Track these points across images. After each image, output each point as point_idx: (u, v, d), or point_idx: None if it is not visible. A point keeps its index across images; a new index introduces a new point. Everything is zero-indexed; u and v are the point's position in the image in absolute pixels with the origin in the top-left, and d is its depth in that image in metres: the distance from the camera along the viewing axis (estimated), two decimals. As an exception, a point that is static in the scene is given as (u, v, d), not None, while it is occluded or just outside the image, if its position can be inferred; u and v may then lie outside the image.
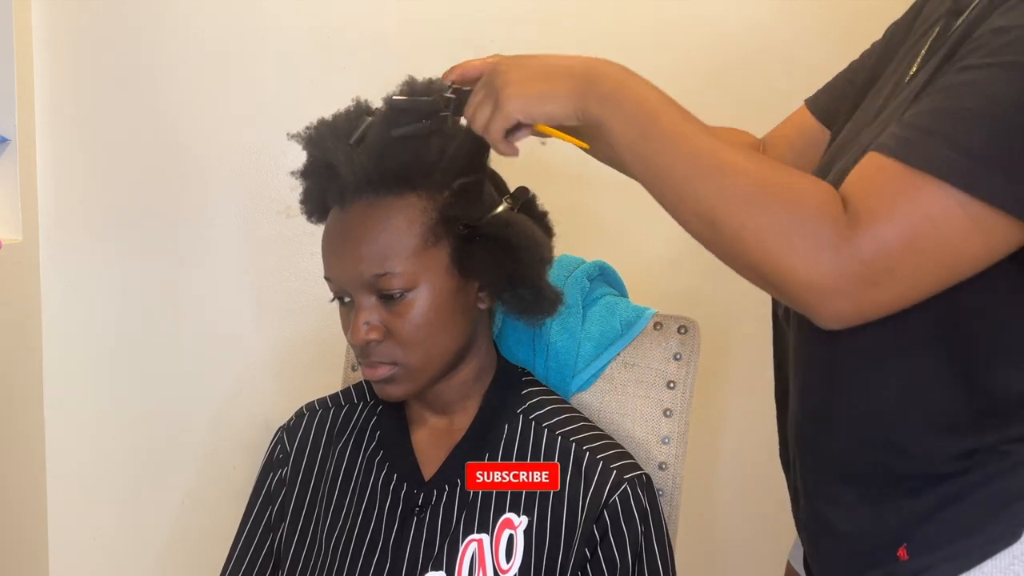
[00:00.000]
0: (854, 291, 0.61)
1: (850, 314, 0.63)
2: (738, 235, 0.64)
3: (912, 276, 0.61)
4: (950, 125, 0.59)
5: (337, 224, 0.84)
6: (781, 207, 0.62)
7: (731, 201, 0.64)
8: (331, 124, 0.85)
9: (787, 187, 0.63)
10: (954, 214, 0.58)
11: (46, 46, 1.40)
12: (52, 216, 1.44)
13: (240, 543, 0.95)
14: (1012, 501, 0.67)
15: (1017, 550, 0.66)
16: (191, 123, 1.44)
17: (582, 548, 0.83)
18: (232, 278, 1.48)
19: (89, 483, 1.50)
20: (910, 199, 0.59)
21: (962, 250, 0.60)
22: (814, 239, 0.61)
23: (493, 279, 0.85)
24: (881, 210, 0.60)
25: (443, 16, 1.44)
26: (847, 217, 0.61)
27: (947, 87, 0.62)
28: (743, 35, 1.48)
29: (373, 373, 0.84)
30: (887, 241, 0.59)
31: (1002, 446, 0.68)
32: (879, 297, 0.62)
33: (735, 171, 0.64)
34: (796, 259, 0.61)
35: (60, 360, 1.47)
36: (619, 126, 0.69)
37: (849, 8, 1.43)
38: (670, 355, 1.01)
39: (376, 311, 0.83)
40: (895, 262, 0.60)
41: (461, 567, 0.83)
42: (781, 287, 0.64)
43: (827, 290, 0.61)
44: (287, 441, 0.96)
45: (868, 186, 0.62)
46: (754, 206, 0.63)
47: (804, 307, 0.64)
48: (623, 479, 0.85)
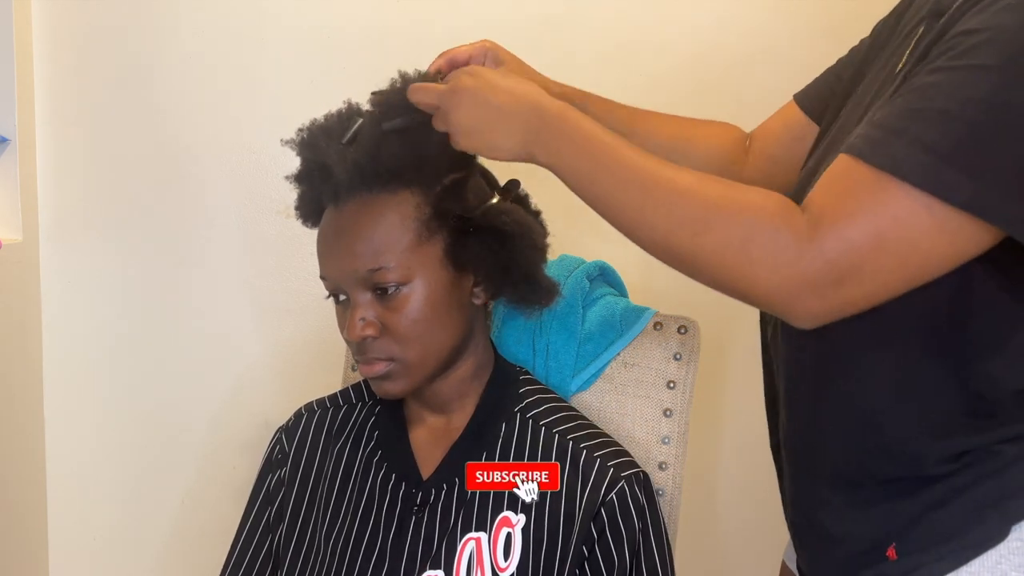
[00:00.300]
0: (821, 290, 0.62)
1: (820, 312, 0.64)
2: (696, 256, 0.66)
3: (880, 275, 0.61)
4: (916, 126, 0.60)
5: (331, 222, 0.84)
6: (733, 222, 0.64)
7: (684, 225, 0.66)
8: (323, 125, 0.86)
9: (737, 202, 0.65)
10: (919, 215, 0.59)
11: (46, 46, 1.40)
12: (52, 216, 1.44)
13: (239, 544, 0.95)
14: (1001, 500, 0.68)
15: (1004, 548, 0.66)
16: (191, 123, 1.44)
17: (580, 546, 0.83)
18: (232, 278, 1.48)
19: (89, 483, 1.50)
20: (876, 199, 0.60)
21: (929, 250, 0.60)
22: (772, 246, 0.62)
23: (488, 270, 0.85)
24: (846, 210, 0.60)
25: (443, 16, 1.44)
26: (808, 218, 0.62)
27: (916, 88, 0.62)
28: (742, 36, 1.48)
29: (370, 370, 0.84)
30: (852, 240, 0.60)
31: (992, 446, 0.68)
32: (848, 295, 0.62)
33: (683, 194, 0.66)
34: (756, 268, 0.63)
35: (60, 360, 1.47)
36: (567, 169, 0.72)
37: (843, 9, 1.43)
38: (670, 355, 1.01)
39: (372, 307, 0.83)
40: (861, 260, 0.60)
41: (459, 566, 0.83)
42: (748, 297, 0.65)
43: (793, 291, 0.62)
44: (286, 441, 0.96)
45: (835, 187, 0.62)
46: (707, 226, 0.65)
47: (775, 311, 0.66)
48: (620, 477, 0.85)
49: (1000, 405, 0.68)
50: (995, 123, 0.58)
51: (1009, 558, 0.66)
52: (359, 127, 0.83)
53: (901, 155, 0.59)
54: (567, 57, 1.42)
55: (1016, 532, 0.66)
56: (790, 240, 0.61)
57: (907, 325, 0.68)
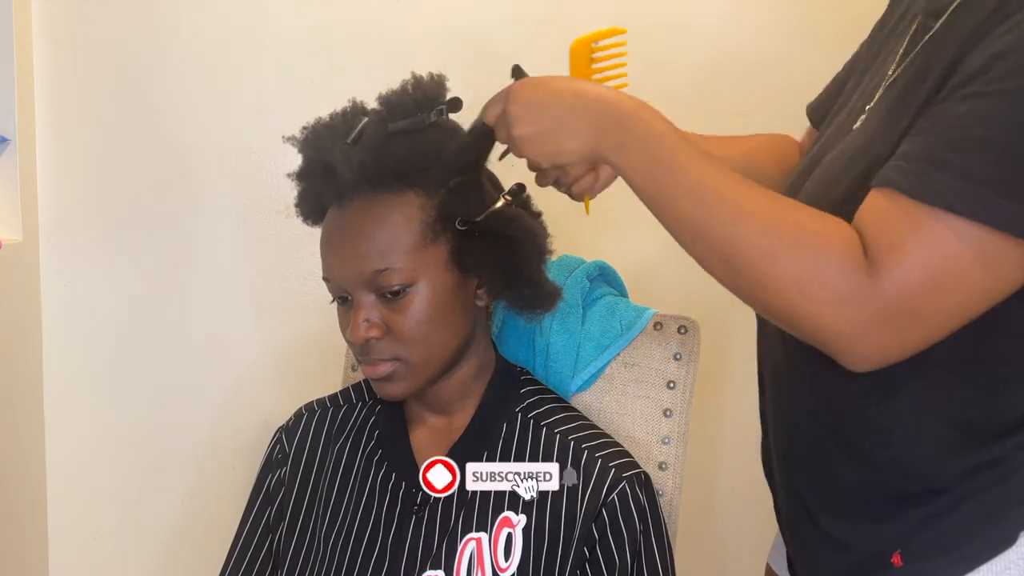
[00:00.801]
0: (880, 335, 0.61)
1: (877, 357, 0.62)
2: (758, 283, 0.64)
3: (938, 316, 0.60)
4: (959, 157, 0.58)
5: (335, 222, 0.84)
6: (799, 256, 0.61)
7: (747, 250, 0.63)
8: (328, 124, 0.86)
9: (804, 232, 0.62)
10: (974, 248, 0.57)
11: (46, 46, 1.40)
12: (52, 216, 1.44)
13: (239, 544, 0.95)
14: (1009, 506, 0.67)
15: (1014, 554, 0.66)
16: (191, 123, 1.44)
17: (581, 547, 0.83)
18: (232, 278, 1.48)
19: (89, 483, 1.50)
20: (927, 238, 0.58)
21: (987, 284, 0.59)
22: (834, 289, 0.60)
23: (493, 274, 0.85)
24: (899, 253, 0.59)
25: (443, 16, 1.44)
26: (867, 262, 0.60)
27: (950, 116, 0.60)
28: (741, 37, 1.48)
29: (374, 371, 0.84)
30: (909, 285, 0.59)
31: (1002, 454, 0.68)
32: (906, 339, 0.61)
33: (750, 215, 0.64)
34: (818, 308, 0.61)
35: (60, 360, 1.47)
36: (634, 174, 0.69)
37: (847, 12, 1.43)
38: (670, 355, 1.01)
39: (376, 309, 0.82)
40: (919, 304, 0.59)
41: (459, 566, 0.83)
42: (807, 335, 0.64)
43: (853, 336, 0.61)
44: (286, 441, 0.96)
45: (883, 226, 0.60)
46: (771, 255, 0.62)
47: (831, 352, 0.64)
48: (622, 477, 0.84)
49: (1011, 417, 0.67)
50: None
51: (1019, 563, 0.66)
52: (364, 126, 0.82)
53: (947, 187, 0.57)
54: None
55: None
56: (853, 285, 0.60)
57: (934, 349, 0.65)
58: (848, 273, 0.60)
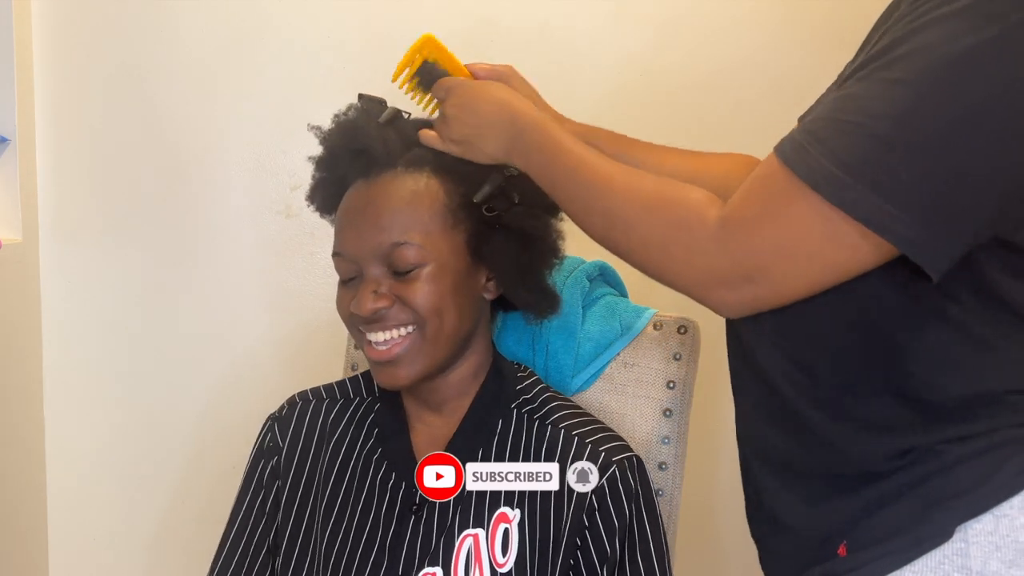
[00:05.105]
0: (732, 285, 0.66)
1: (735, 304, 0.69)
2: (630, 251, 0.73)
3: (786, 277, 0.65)
4: (833, 136, 0.61)
5: (360, 194, 0.85)
6: (657, 219, 0.70)
7: (617, 222, 0.73)
8: (357, 108, 0.89)
9: (664, 198, 0.70)
10: (821, 224, 0.61)
11: (46, 46, 1.40)
12: (52, 216, 1.44)
13: (233, 530, 0.93)
14: (944, 500, 0.67)
15: (948, 549, 0.66)
16: (191, 123, 1.44)
17: (572, 536, 0.83)
18: (232, 278, 1.48)
19: (89, 483, 1.50)
20: (784, 205, 0.63)
21: (831, 259, 0.63)
22: (687, 245, 0.68)
23: (506, 267, 0.86)
24: (755, 214, 0.64)
25: (443, 16, 1.44)
26: (723, 216, 0.66)
27: (841, 96, 0.63)
28: (740, 39, 1.48)
29: (387, 352, 0.83)
30: (755, 245, 0.64)
31: (936, 446, 0.68)
32: (758, 292, 0.66)
33: (618, 192, 0.72)
34: (676, 264, 0.69)
35: (60, 360, 1.47)
36: (537, 171, 0.80)
37: (847, 16, 1.43)
38: (670, 355, 1.01)
39: (384, 282, 0.83)
40: (766, 263, 0.64)
41: (457, 563, 0.83)
42: (674, 286, 0.71)
43: (708, 285, 0.68)
44: (278, 432, 0.95)
45: (755, 187, 0.66)
46: (634, 223, 0.71)
47: (698, 300, 0.70)
48: (612, 461, 0.84)
49: (943, 408, 0.68)
50: (904, 140, 0.58)
51: (952, 559, 0.65)
52: (393, 112, 0.87)
53: (816, 164, 0.61)
54: (567, 58, 1.42)
55: (960, 533, 0.65)
56: (703, 240, 0.66)
57: (841, 334, 0.70)
58: (698, 229, 0.67)
